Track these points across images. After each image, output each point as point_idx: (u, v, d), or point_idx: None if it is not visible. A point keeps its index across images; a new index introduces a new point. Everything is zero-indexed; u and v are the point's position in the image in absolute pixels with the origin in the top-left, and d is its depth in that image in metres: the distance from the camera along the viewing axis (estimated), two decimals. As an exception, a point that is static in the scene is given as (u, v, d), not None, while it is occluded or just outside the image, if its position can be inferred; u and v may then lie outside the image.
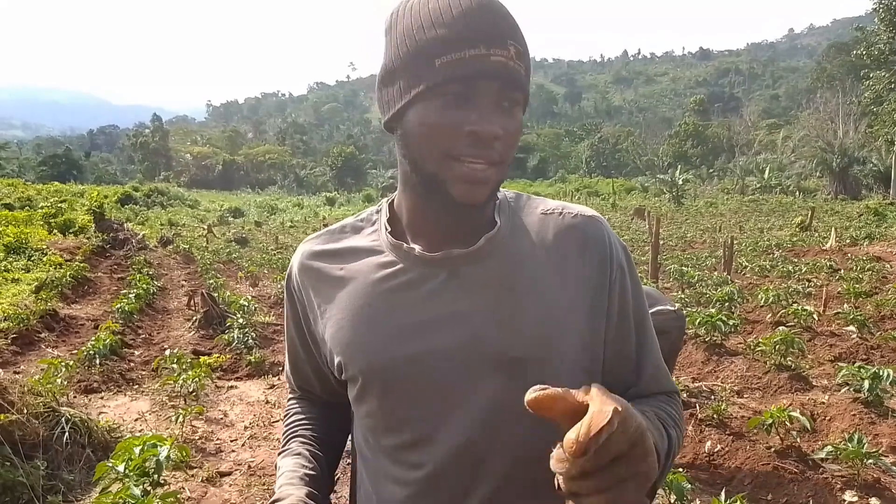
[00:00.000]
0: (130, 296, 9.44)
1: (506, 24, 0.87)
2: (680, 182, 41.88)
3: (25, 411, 4.22)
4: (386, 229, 1.02)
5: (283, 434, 1.17)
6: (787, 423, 4.22)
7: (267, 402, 5.71)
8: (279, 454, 1.13)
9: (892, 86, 33.24)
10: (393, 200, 1.06)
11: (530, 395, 0.67)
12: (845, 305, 8.31)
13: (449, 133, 0.87)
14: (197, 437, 4.84)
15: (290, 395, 1.24)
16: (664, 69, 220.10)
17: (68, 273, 11.11)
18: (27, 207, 25.18)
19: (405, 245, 0.98)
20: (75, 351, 6.99)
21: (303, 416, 1.18)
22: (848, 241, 17.08)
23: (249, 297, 9.98)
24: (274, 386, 6.19)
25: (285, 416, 1.20)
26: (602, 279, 0.98)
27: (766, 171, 46.53)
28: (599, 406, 0.64)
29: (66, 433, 4.23)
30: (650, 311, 3.81)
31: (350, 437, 1.15)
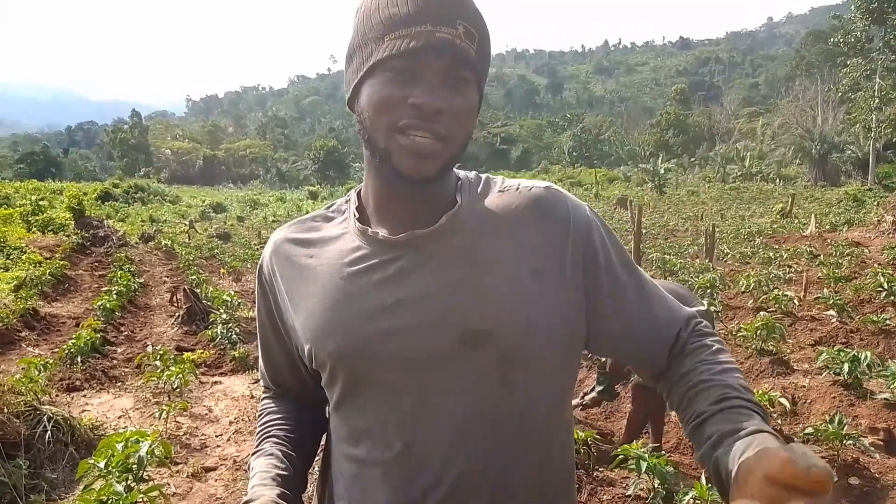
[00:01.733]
0: (112, 293, 9.36)
1: (456, 6, 0.89)
2: (662, 171, 42.17)
3: (6, 410, 4.17)
4: (354, 216, 1.04)
5: (257, 434, 1.17)
6: (769, 407, 4.27)
7: (252, 397, 5.69)
8: (252, 454, 1.13)
9: (869, 73, 33.62)
10: (360, 190, 1.08)
11: None
12: (825, 290, 8.41)
13: (393, 105, 0.90)
14: (181, 433, 4.82)
15: (265, 395, 1.24)
16: (645, 59, 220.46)
17: (48, 271, 10.99)
18: (5, 206, 24.82)
19: (370, 230, 1.00)
20: (57, 350, 6.91)
21: (276, 416, 1.18)
22: (827, 227, 17.29)
23: (232, 293, 9.93)
24: (258, 381, 6.14)
25: (259, 416, 1.21)
26: (566, 243, 1.00)
27: (747, 160, 46.92)
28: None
29: (49, 431, 4.19)
30: None
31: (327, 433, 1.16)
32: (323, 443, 1.19)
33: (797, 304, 7.57)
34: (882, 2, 32.13)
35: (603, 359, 4.11)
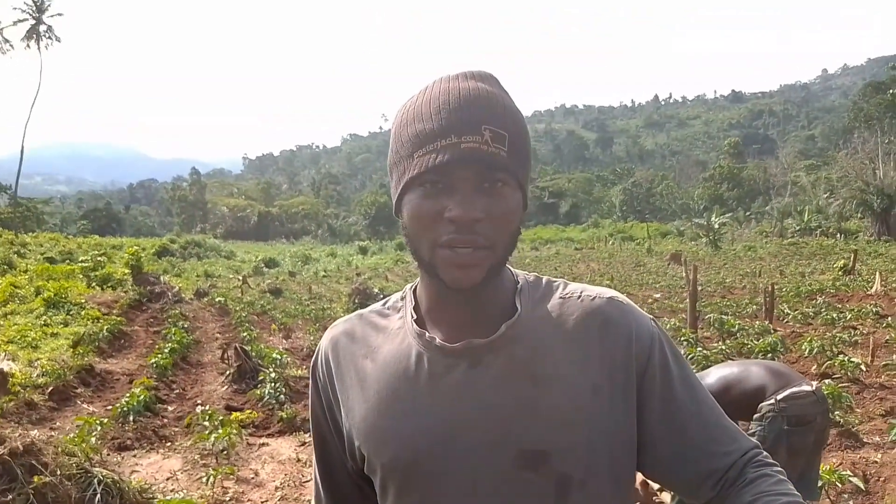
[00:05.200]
0: (165, 350, 9.52)
1: (481, 112, 0.88)
2: (716, 226, 41.35)
3: (59, 472, 4.21)
4: (412, 317, 1.01)
5: None
6: (839, 485, 4.01)
7: (298, 461, 5.64)
8: None
9: (931, 125, 32.70)
10: (416, 287, 1.06)
11: None
12: (895, 356, 7.99)
13: (432, 220, 0.90)
14: (227, 499, 4.79)
15: None
16: (696, 112, 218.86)
17: (105, 327, 11.27)
18: (68, 261, 25.81)
19: (427, 334, 0.97)
20: (110, 406, 7.04)
21: None
22: (894, 284, 16.58)
23: (282, 350, 9.99)
24: (305, 443, 6.12)
25: None
26: (628, 360, 0.96)
27: (806, 213, 45.77)
28: None
29: (98, 495, 4.20)
30: (783, 394, 3.03)
31: None
32: None
33: (864, 370, 7.20)
34: (942, 53, 31.44)
35: None
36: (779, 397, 3.09)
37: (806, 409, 3.07)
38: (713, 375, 3.35)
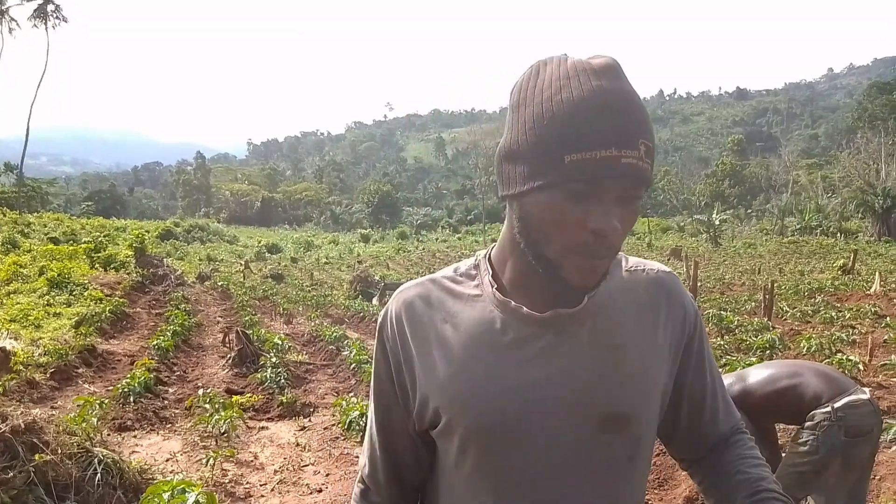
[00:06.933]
0: (167, 332, 9.56)
1: (638, 124, 0.86)
2: (717, 222, 41.37)
3: (59, 451, 4.24)
4: (492, 285, 1.02)
5: None
6: (833, 482, 4.04)
7: (297, 445, 5.68)
8: None
9: (937, 126, 32.61)
10: (490, 255, 1.06)
11: None
12: (893, 356, 8.01)
13: (571, 228, 0.88)
14: (227, 481, 4.83)
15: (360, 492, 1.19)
16: (700, 109, 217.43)
17: (108, 308, 11.32)
18: (71, 241, 25.87)
19: (512, 303, 0.99)
20: (111, 387, 7.07)
21: None
22: (893, 285, 16.59)
23: (283, 336, 10.03)
24: (304, 428, 6.17)
25: None
26: (683, 330, 1.05)
27: (806, 212, 45.74)
28: None
29: (99, 474, 4.24)
30: (840, 402, 2.90)
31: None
32: None
33: (862, 369, 7.22)
34: (950, 55, 31.32)
35: None
36: (836, 405, 2.85)
37: (864, 419, 2.85)
38: (757, 375, 3.19)
